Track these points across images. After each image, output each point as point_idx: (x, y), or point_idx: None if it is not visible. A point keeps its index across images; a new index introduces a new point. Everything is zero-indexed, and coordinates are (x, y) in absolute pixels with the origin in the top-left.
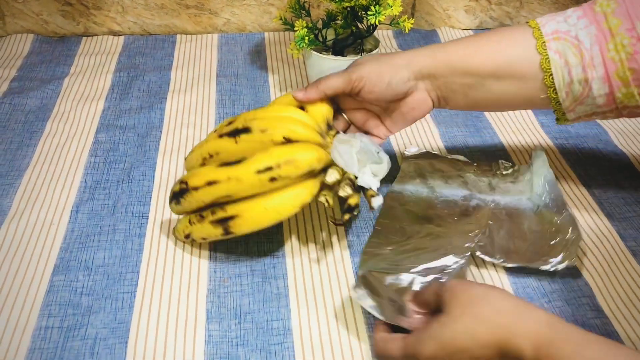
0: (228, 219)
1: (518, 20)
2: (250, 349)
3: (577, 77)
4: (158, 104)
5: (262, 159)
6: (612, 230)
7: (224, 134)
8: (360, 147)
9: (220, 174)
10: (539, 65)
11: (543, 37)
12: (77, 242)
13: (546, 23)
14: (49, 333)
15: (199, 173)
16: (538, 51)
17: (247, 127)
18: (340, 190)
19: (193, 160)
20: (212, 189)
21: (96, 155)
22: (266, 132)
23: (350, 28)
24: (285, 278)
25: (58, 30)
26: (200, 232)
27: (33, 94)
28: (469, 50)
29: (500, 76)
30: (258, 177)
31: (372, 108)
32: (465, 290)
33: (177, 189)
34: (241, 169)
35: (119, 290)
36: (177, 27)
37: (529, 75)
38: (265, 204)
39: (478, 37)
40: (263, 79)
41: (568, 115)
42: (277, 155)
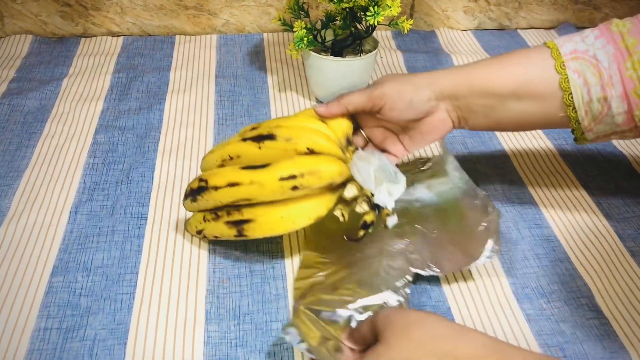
0: (243, 222)
1: (517, 21)
2: (250, 350)
3: (596, 95)
4: (157, 105)
5: (287, 167)
6: (611, 231)
7: (248, 138)
8: (379, 166)
9: (243, 176)
10: (558, 84)
11: (562, 57)
12: (76, 243)
13: (564, 43)
14: (48, 334)
15: (220, 173)
16: (557, 71)
17: (272, 134)
18: (358, 206)
19: (211, 160)
20: (233, 191)
21: (95, 156)
22: (291, 141)
23: (349, 29)
24: (284, 279)
25: (57, 31)
26: (213, 230)
27: (32, 94)
28: (489, 71)
29: (520, 96)
30: (280, 184)
31: (390, 126)
32: (400, 316)
33: (195, 186)
34: (265, 174)
35: (118, 292)
36: (176, 27)
37: (548, 94)
38: (281, 213)
39: (498, 59)
40: (262, 79)
41: (587, 134)
42: (301, 165)
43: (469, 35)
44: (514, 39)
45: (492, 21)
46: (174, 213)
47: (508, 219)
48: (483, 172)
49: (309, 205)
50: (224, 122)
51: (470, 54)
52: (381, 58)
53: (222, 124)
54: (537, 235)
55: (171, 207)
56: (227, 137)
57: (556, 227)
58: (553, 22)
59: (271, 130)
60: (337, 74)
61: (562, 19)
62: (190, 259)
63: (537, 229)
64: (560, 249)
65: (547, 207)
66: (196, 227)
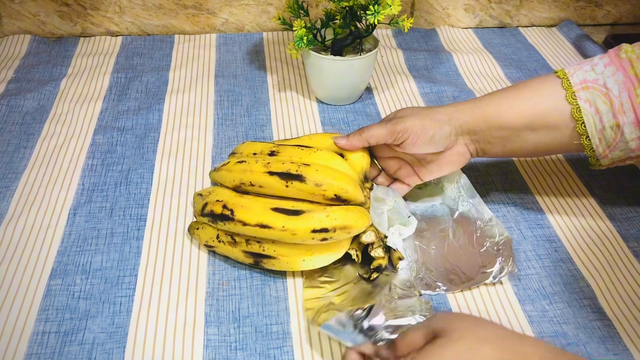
0: (263, 256)
1: (518, 18)
2: (249, 353)
3: (609, 123)
4: (156, 105)
5: (320, 220)
6: (614, 231)
7: (275, 174)
8: (393, 207)
9: (275, 221)
10: (570, 114)
11: (572, 87)
12: (75, 245)
13: (574, 73)
14: (46, 338)
15: (249, 209)
16: (568, 101)
17: (300, 175)
18: (374, 251)
19: (227, 179)
20: (262, 231)
21: (94, 157)
22: (320, 187)
23: (349, 28)
24: (284, 281)
25: (55, 31)
26: (226, 252)
27: (30, 95)
28: (504, 106)
29: (535, 128)
30: (312, 235)
31: (405, 157)
32: (459, 317)
33: (218, 211)
34: (298, 223)
35: (117, 294)
36: (175, 27)
37: (561, 124)
38: (304, 256)
39: (511, 92)
40: (262, 79)
41: (602, 161)
42: (335, 219)
43: (469, 33)
44: (515, 37)
45: (493, 19)
46: (174, 215)
47: (510, 219)
48: (485, 171)
49: (330, 252)
50: (224, 122)
51: (471, 52)
52: (382, 57)
53: (221, 124)
54: (539, 235)
55: (170, 208)
56: (227, 137)
57: (558, 228)
58: (554, 20)
59: (299, 170)
60: (337, 73)
61: (563, 17)
62: (189, 261)
63: (539, 229)
64: (563, 249)
65: (549, 207)
66: (207, 241)
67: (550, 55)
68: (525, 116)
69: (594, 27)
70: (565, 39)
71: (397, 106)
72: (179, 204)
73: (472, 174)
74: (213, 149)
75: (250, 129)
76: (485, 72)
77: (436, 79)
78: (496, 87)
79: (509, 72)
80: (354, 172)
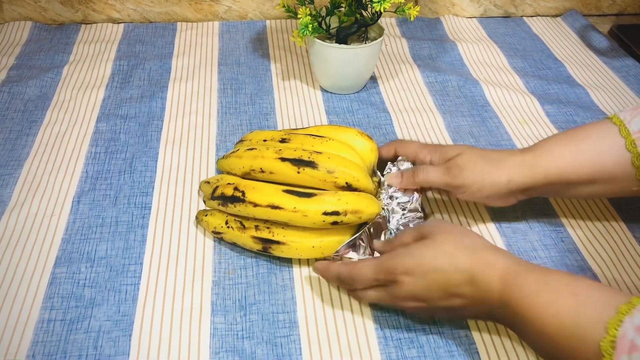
0: (272, 242)
1: (522, 8)
2: (256, 341)
3: None
4: (159, 93)
5: (332, 203)
6: (621, 222)
7: (287, 159)
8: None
9: (287, 202)
10: (631, 162)
11: (631, 136)
12: (79, 233)
13: (631, 120)
14: (52, 326)
15: (260, 190)
16: (628, 149)
17: (312, 161)
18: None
19: (237, 165)
20: (273, 212)
21: (97, 145)
22: (332, 174)
23: (355, 16)
24: (290, 269)
25: (56, 17)
26: (235, 238)
27: (32, 82)
28: (563, 163)
29: (595, 181)
30: (323, 217)
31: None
32: (448, 226)
33: (229, 193)
34: (310, 204)
35: (122, 282)
36: (178, 14)
37: (620, 175)
38: (314, 243)
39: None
40: (265, 67)
41: None
42: (346, 202)
43: (474, 22)
44: (519, 27)
45: (498, 8)
46: (178, 203)
47: (516, 209)
48: None
49: (340, 239)
50: (228, 110)
51: (476, 42)
52: (386, 45)
53: (225, 113)
54: (546, 225)
55: (175, 196)
56: (231, 125)
57: (564, 217)
58: (559, 10)
59: (311, 157)
60: (342, 61)
61: (568, 7)
62: (195, 250)
63: (545, 218)
64: (569, 239)
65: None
66: (215, 227)
67: (555, 45)
68: (586, 171)
69: (599, 17)
70: (570, 29)
71: (402, 95)
72: (183, 192)
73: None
74: (217, 137)
75: (254, 118)
76: (490, 62)
77: (441, 68)
78: (501, 77)
79: (514, 62)
80: (364, 164)
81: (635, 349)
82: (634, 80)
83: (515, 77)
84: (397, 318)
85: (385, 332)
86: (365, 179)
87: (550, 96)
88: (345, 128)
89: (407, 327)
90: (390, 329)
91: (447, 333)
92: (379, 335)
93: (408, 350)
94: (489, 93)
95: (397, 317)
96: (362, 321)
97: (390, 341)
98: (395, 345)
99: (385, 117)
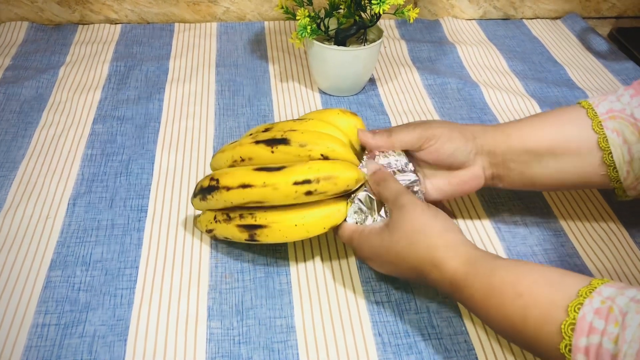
0: (256, 227)
1: (522, 10)
2: (253, 347)
3: (638, 154)
4: (156, 94)
5: (302, 171)
6: (621, 227)
7: (261, 141)
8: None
9: (256, 178)
10: (597, 143)
11: (598, 117)
12: (75, 236)
13: (599, 103)
14: (46, 330)
15: (232, 173)
16: (595, 130)
17: (285, 138)
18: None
19: (222, 160)
20: (245, 192)
21: (93, 146)
22: (305, 147)
23: (354, 17)
24: (288, 273)
25: (53, 18)
26: (224, 232)
27: (28, 83)
28: (526, 130)
29: (557, 153)
30: (294, 188)
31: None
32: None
33: (205, 184)
34: (279, 177)
35: (118, 286)
36: (176, 15)
37: (586, 152)
38: (296, 220)
39: (535, 118)
40: (263, 69)
41: (629, 192)
42: (317, 170)
43: (473, 24)
44: (519, 29)
45: (497, 10)
46: (175, 206)
47: (515, 213)
48: None
49: (324, 213)
50: (225, 112)
51: (475, 44)
52: (385, 48)
53: (223, 114)
54: (545, 229)
55: (172, 199)
56: (228, 127)
57: (564, 222)
58: (559, 12)
59: (285, 134)
60: (340, 63)
61: (567, 9)
62: (192, 253)
63: (545, 223)
64: (569, 244)
65: (555, 201)
66: (206, 226)
67: (554, 47)
68: (548, 140)
69: (598, 19)
70: (569, 32)
71: (401, 98)
72: (180, 195)
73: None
74: (214, 140)
75: (252, 120)
76: (490, 64)
77: (440, 70)
78: (501, 80)
79: (513, 65)
80: (347, 139)
81: (594, 331)
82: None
83: (515, 80)
84: (395, 324)
85: (384, 338)
86: (344, 149)
87: (550, 99)
88: (328, 109)
89: (405, 333)
90: (388, 334)
91: (445, 339)
92: (377, 341)
93: (407, 356)
94: (488, 96)
95: (395, 323)
96: (360, 327)
97: (389, 347)
98: (394, 352)
99: (384, 120)
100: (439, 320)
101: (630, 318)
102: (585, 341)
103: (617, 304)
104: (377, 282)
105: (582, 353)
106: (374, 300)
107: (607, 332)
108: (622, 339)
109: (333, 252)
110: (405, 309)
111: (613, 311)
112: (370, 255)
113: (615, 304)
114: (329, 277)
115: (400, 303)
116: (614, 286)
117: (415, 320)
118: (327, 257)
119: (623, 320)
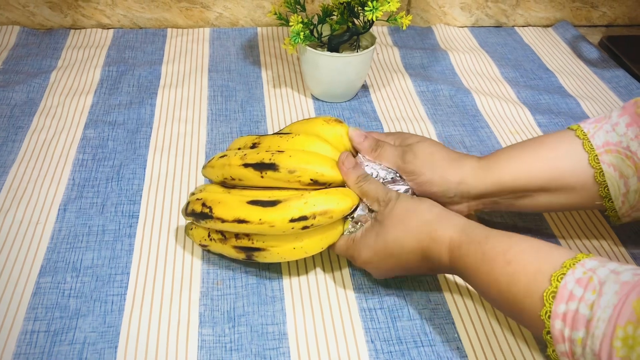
0: (253, 249)
1: (514, 18)
2: (245, 354)
3: (634, 187)
4: (148, 99)
5: (298, 208)
6: (613, 235)
7: (249, 165)
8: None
9: (251, 214)
10: (593, 178)
11: (595, 150)
12: (65, 242)
13: (594, 133)
14: (35, 337)
15: (226, 204)
16: (591, 165)
17: (274, 163)
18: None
19: (213, 175)
20: (241, 227)
21: (84, 152)
22: (294, 173)
23: (347, 24)
24: (280, 280)
25: (45, 22)
26: (219, 249)
27: (19, 87)
28: (517, 166)
29: (551, 189)
30: (291, 225)
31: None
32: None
33: (198, 210)
34: (275, 214)
35: (109, 293)
36: (168, 20)
37: (581, 186)
38: (294, 244)
39: (528, 150)
40: (256, 74)
41: (623, 219)
42: (313, 204)
43: (465, 32)
44: (511, 36)
45: (489, 18)
46: (167, 212)
47: (507, 220)
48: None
49: (322, 236)
50: (218, 117)
51: (467, 51)
52: (377, 54)
53: (215, 120)
54: (537, 237)
55: (163, 205)
56: (220, 133)
57: (556, 229)
58: (550, 20)
59: (273, 158)
60: (333, 70)
61: (559, 17)
62: (183, 260)
63: (541, 237)
64: None
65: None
66: (200, 241)
67: (546, 55)
68: (542, 177)
69: (589, 28)
70: (561, 40)
71: (394, 104)
72: (172, 201)
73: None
74: (207, 145)
75: (244, 125)
76: (482, 71)
77: (432, 77)
78: (493, 87)
79: (505, 72)
80: (335, 152)
81: (573, 298)
82: (624, 91)
83: (507, 87)
84: (388, 331)
85: (376, 345)
86: (332, 171)
87: (542, 106)
88: (313, 119)
89: (398, 340)
90: (381, 341)
91: (438, 346)
92: (369, 348)
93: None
94: (481, 103)
95: (388, 330)
96: (352, 334)
97: (381, 354)
98: (386, 359)
99: (376, 126)
100: (431, 327)
101: (608, 287)
102: (564, 307)
103: (597, 274)
104: (370, 289)
105: (559, 319)
106: (366, 307)
107: (585, 298)
108: (597, 305)
109: (325, 258)
110: (397, 316)
111: (592, 280)
112: (370, 256)
113: (595, 274)
114: (321, 284)
115: (393, 310)
116: (597, 259)
117: (408, 327)
118: (320, 264)
119: (601, 288)
